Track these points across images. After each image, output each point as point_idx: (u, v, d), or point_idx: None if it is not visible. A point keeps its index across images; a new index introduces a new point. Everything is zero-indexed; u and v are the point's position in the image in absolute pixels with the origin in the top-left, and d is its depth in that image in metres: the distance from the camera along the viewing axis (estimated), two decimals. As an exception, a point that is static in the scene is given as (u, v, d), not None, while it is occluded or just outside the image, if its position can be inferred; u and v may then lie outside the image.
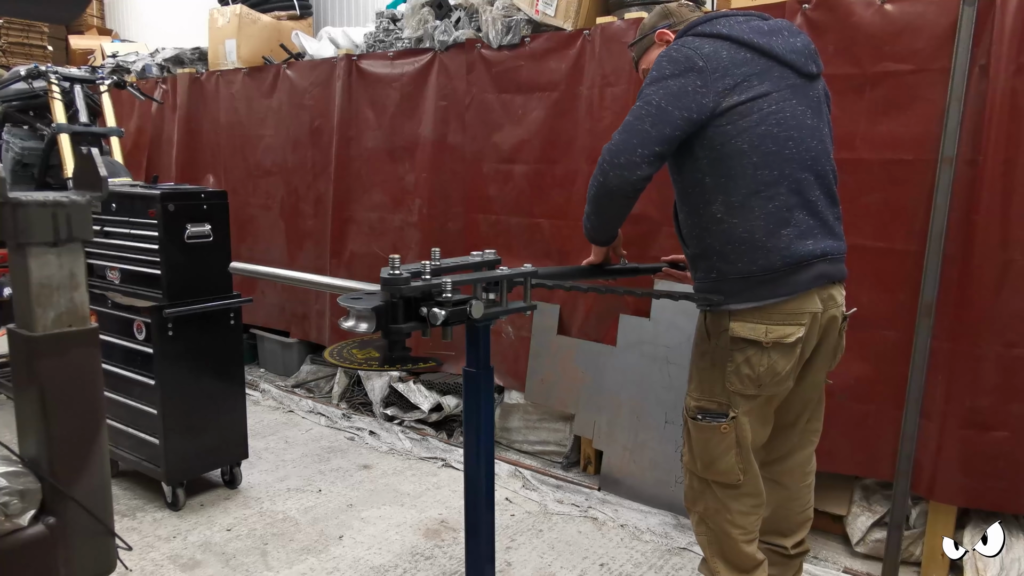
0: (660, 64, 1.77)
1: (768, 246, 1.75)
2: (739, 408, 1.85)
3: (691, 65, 1.73)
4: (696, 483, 1.98)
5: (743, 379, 1.82)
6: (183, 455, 2.86)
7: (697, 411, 1.91)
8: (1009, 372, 2.33)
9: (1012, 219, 2.27)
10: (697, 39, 1.80)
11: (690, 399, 1.95)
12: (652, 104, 1.72)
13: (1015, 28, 2.22)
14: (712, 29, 1.81)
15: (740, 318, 1.80)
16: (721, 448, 1.87)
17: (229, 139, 4.71)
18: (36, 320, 1.38)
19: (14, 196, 1.33)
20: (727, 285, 1.81)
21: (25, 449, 1.44)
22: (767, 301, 1.78)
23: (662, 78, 1.74)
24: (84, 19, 8.20)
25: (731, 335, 1.81)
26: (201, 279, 2.84)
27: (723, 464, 1.89)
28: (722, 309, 1.83)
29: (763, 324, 1.78)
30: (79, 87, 3.83)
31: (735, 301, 1.80)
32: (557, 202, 3.28)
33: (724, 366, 1.84)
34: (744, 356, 1.81)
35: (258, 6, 5.03)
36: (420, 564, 2.58)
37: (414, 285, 1.60)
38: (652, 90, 1.74)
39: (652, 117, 1.71)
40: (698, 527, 2.03)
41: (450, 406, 3.71)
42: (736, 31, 1.79)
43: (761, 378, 1.81)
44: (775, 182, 1.74)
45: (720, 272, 1.81)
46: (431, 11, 3.68)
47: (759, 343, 1.79)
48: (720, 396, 1.87)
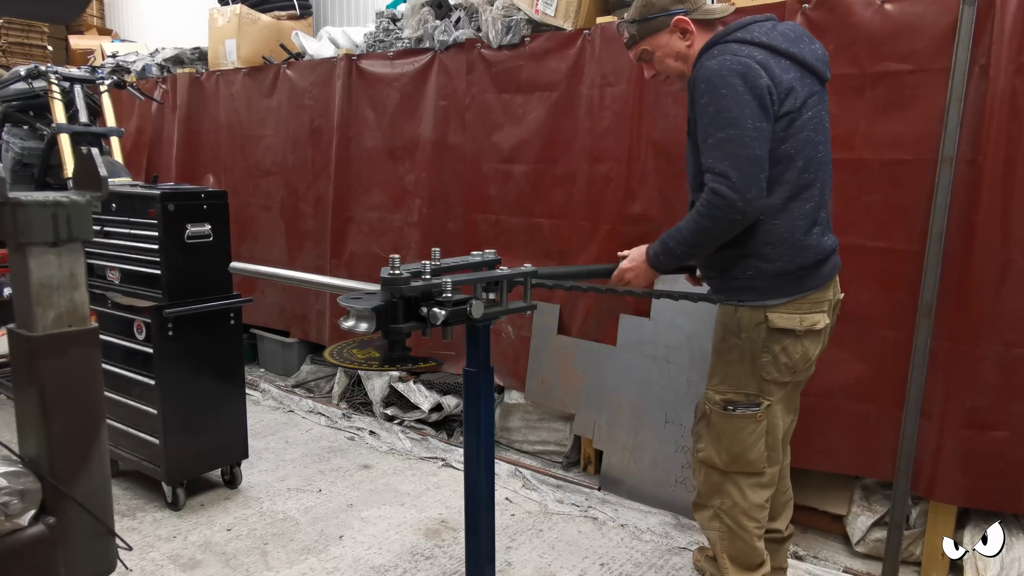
0: (727, 81, 1.76)
1: (804, 244, 1.87)
2: (772, 396, 1.97)
3: (758, 76, 1.77)
4: (715, 477, 2.03)
5: (780, 368, 1.94)
6: (183, 455, 2.86)
7: (726, 403, 1.98)
8: (1009, 372, 2.33)
9: (1012, 219, 2.27)
10: (744, 47, 1.81)
11: (714, 393, 2.01)
12: (749, 127, 1.74)
13: (1015, 28, 2.22)
14: (751, 36, 1.82)
15: (776, 310, 1.90)
16: (753, 437, 1.97)
17: (229, 139, 4.70)
18: (36, 320, 1.38)
19: (14, 196, 1.33)
20: (763, 282, 1.89)
21: (25, 449, 1.44)
22: (802, 294, 1.91)
23: (738, 95, 1.75)
24: (84, 19, 8.20)
25: (770, 326, 1.90)
26: (201, 279, 2.84)
27: (753, 453, 1.98)
28: (757, 304, 1.90)
29: (797, 314, 1.91)
30: (79, 87, 3.82)
31: (771, 296, 1.90)
32: (557, 202, 3.28)
33: (759, 357, 1.93)
34: (781, 346, 1.92)
35: (258, 6, 5.03)
36: (420, 564, 2.58)
37: (414, 285, 1.60)
38: (738, 113, 1.74)
39: (756, 141, 1.75)
40: (711, 523, 2.07)
41: (450, 406, 3.71)
42: (772, 39, 1.83)
43: (796, 365, 1.95)
44: (811, 184, 1.86)
45: (757, 270, 1.88)
46: (431, 11, 3.68)
47: (794, 332, 1.91)
48: (749, 387, 1.96)
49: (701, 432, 2.09)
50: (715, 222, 1.79)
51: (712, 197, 1.77)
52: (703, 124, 1.80)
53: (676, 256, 1.92)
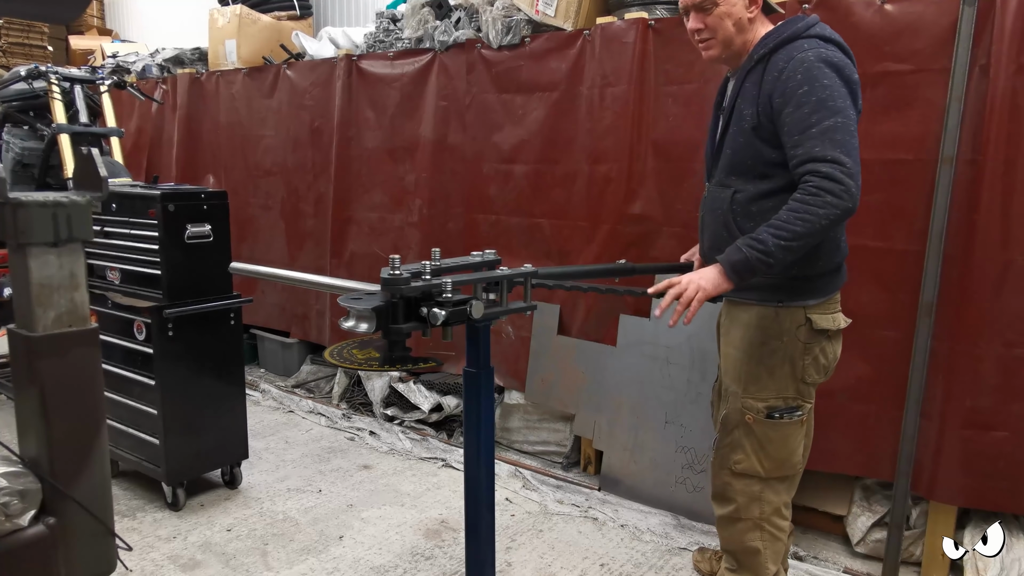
0: (826, 72, 1.74)
1: (840, 245, 1.90)
2: (811, 400, 1.95)
3: (852, 71, 1.78)
4: (756, 486, 1.96)
5: (819, 369, 1.92)
6: (183, 455, 2.86)
7: (770, 411, 1.92)
8: (1009, 372, 2.32)
9: (1012, 219, 2.27)
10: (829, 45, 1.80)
11: (754, 401, 1.93)
12: (852, 117, 1.73)
13: (1015, 28, 2.22)
14: (832, 35, 1.83)
15: (814, 310, 1.88)
16: (798, 440, 1.95)
17: (229, 139, 4.70)
18: (36, 320, 1.38)
19: (14, 196, 1.33)
20: (806, 283, 1.86)
21: (25, 449, 1.44)
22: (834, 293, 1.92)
23: (837, 87, 1.73)
24: (84, 19, 8.20)
25: (814, 327, 1.87)
26: (201, 279, 2.84)
27: (797, 455, 1.96)
28: (797, 304, 1.87)
29: (829, 313, 1.90)
30: (79, 87, 3.82)
31: (812, 296, 1.88)
32: (557, 202, 3.28)
33: (801, 360, 1.89)
34: (820, 346, 1.90)
35: (258, 6, 5.03)
36: (420, 564, 2.58)
37: (414, 285, 1.60)
38: (842, 103, 1.72)
39: (853, 132, 1.72)
40: (750, 534, 1.99)
41: (450, 406, 3.71)
42: (841, 40, 1.84)
43: (830, 364, 1.94)
44: None
45: (801, 270, 1.85)
46: (431, 11, 3.68)
47: (828, 331, 1.89)
48: (789, 391, 1.91)
49: (739, 443, 1.97)
50: (830, 209, 1.65)
51: (826, 183, 1.65)
52: (802, 113, 1.72)
53: (772, 258, 1.69)
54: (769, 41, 1.85)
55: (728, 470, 2.01)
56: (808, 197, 1.68)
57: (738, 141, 1.89)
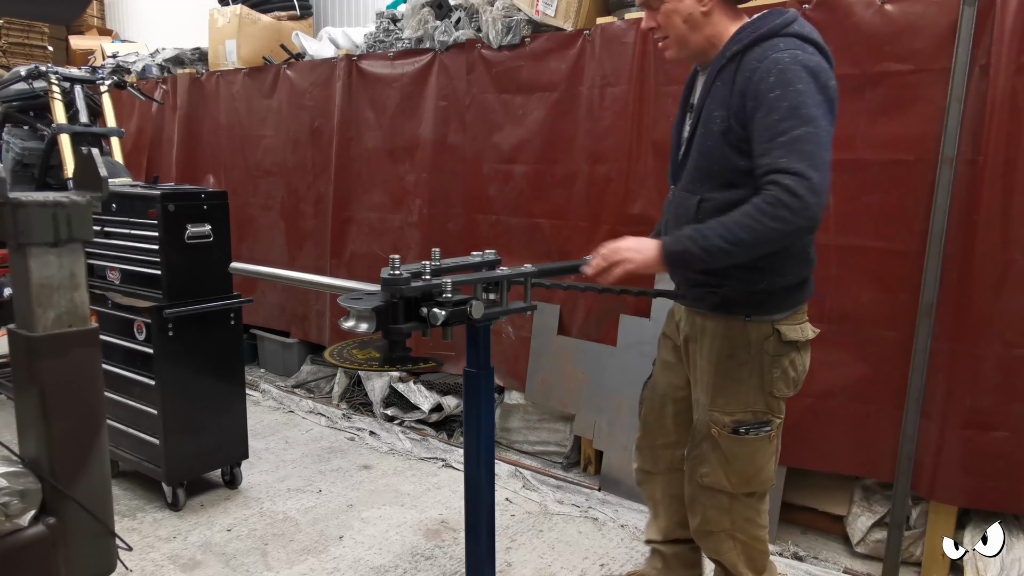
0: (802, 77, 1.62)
1: (809, 256, 1.83)
2: (781, 414, 1.87)
3: (830, 78, 1.67)
4: (724, 500, 1.90)
5: (789, 382, 1.84)
6: (183, 455, 2.86)
7: (736, 425, 1.85)
8: (1009, 372, 2.32)
9: (1012, 219, 2.27)
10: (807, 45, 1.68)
11: (722, 415, 1.86)
12: (824, 127, 1.62)
13: (1015, 28, 2.22)
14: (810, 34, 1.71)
15: (783, 323, 1.81)
16: (767, 456, 1.87)
17: (229, 139, 4.70)
18: (36, 320, 1.38)
19: (14, 196, 1.33)
20: (776, 295, 1.79)
21: (25, 449, 1.44)
22: (802, 304, 1.85)
23: (812, 93, 1.62)
24: (84, 19, 8.20)
25: (783, 339, 1.81)
26: (201, 279, 2.84)
27: (766, 472, 1.89)
28: (764, 319, 1.80)
29: (798, 324, 1.84)
30: (79, 87, 3.83)
31: (781, 309, 1.81)
32: (557, 202, 3.28)
33: (770, 373, 1.81)
34: (789, 359, 1.82)
35: (258, 6, 5.03)
36: (420, 564, 2.58)
37: (414, 285, 1.60)
38: (815, 110, 1.61)
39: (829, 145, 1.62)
40: (724, 545, 1.94)
41: (450, 406, 3.71)
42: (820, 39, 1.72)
43: (800, 377, 1.86)
44: None
45: (771, 283, 1.78)
46: (431, 11, 3.68)
47: (797, 343, 1.82)
48: (757, 405, 1.83)
49: (706, 456, 1.91)
50: (782, 224, 1.57)
51: (786, 196, 1.56)
52: (771, 119, 1.62)
53: (709, 254, 1.64)
54: (743, 37, 1.72)
55: (696, 482, 1.94)
56: (765, 206, 1.59)
57: (706, 144, 1.78)
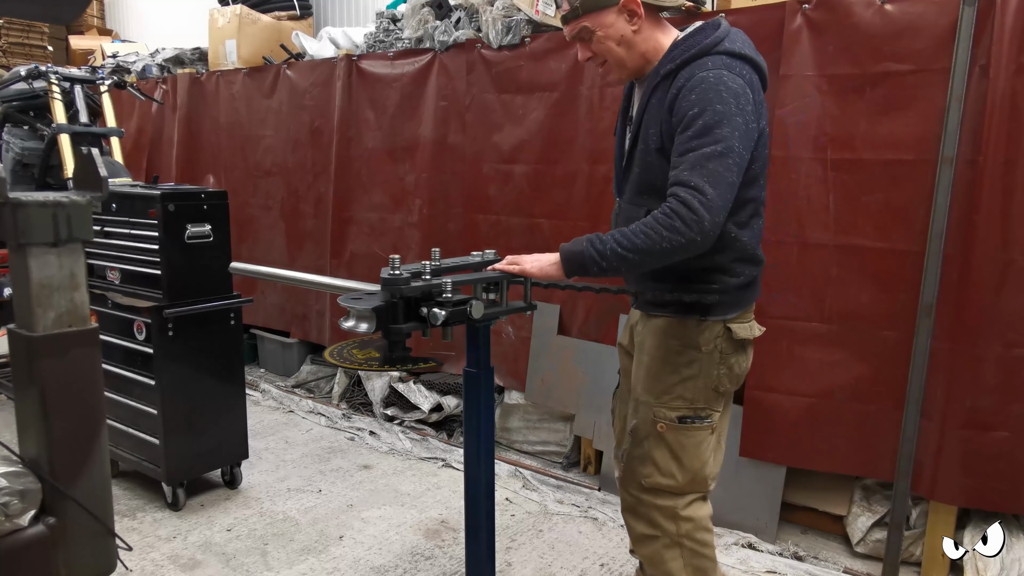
0: (723, 98, 1.64)
1: (758, 256, 1.85)
2: (720, 407, 1.90)
3: (748, 99, 1.67)
4: (668, 501, 1.89)
5: (733, 378, 1.88)
6: (183, 455, 2.86)
7: (680, 419, 1.86)
8: (1009, 372, 2.33)
9: (1012, 219, 2.27)
10: (736, 63, 1.70)
11: (666, 411, 1.86)
12: (736, 149, 1.62)
13: (1015, 28, 2.22)
14: (740, 50, 1.72)
15: (735, 321, 1.86)
16: (710, 450, 1.90)
17: (229, 139, 4.71)
18: (36, 320, 1.38)
19: (14, 196, 1.33)
20: (728, 296, 1.82)
21: (25, 449, 1.44)
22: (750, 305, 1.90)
23: (730, 115, 1.63)
24: (84, 19, 8.20)
25: (733, 337, 1.84)
26: (201, 279, 2.84)
27: (710, 468, 1.91)
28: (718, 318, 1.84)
29: (747, 323, 1.88)
30: (79, 87, 3.83)
31: (732, 310, 1.85)
32: (557, 202, 3.28)
33: (716, 370, 1.85)
34: (735, 357, 1.87)
35: (258, 6, 5.03)
36: (420, 564, 2.58)
37: (414, 285, 1.60)
38: (728, 131, 1.62)
39: (738, 167, 1.63)
40: (670, 552, 1.90)
41: (450, 406, 3.71)
42: (751, 52, 1.74)
43: (743, 373, 1.91)
44: (764, 200, 1.84)
45: (724, 284, 1.80)
46: (431, 11, 3.68)
47: (745, 341, 1.87)
48: (699, 401, 1.86)
49: (648, 455, 1.89)
50: (675, 235, 1.60)
51: (681, 208, 1.59)
52: (685, 135, 1.66)
53: (605, 261, 1.67)
54: (676, 56, 1.75)
55: (638, 484, 1.92)
56: (660, 216, 1.62)
57: (647, 160, 1.81)
